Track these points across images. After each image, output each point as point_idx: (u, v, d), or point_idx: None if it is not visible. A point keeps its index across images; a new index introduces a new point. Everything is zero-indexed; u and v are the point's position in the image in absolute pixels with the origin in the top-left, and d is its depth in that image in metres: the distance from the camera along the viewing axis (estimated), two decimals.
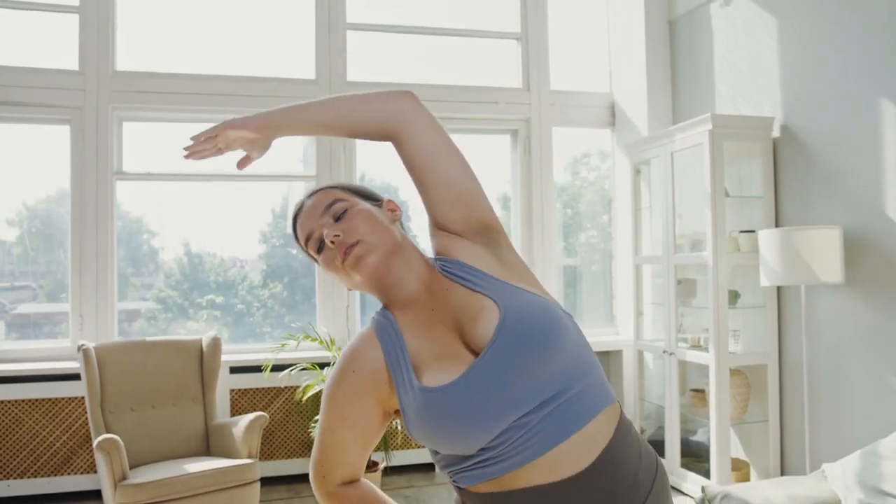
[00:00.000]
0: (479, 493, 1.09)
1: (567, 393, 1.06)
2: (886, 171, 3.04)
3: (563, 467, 1.04)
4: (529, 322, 1.08)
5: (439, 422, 1.06)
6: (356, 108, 1.23)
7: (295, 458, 4.09)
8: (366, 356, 1.17)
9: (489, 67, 4.85)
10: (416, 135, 1.21)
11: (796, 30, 3.52)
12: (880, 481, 2.40)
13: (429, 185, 1.22)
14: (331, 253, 1.18)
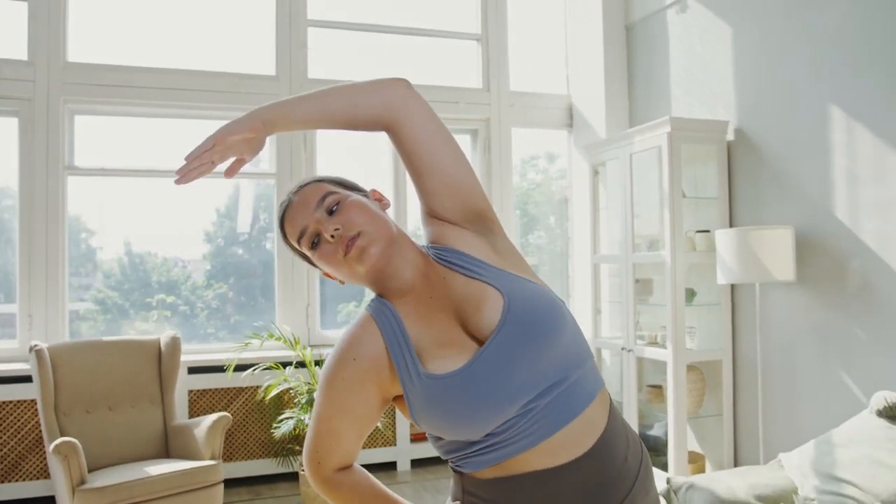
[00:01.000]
0: (482, 479, 1.11)
1: (568, 378, 1.10)
2: (835, 174, 3.19)
3: (563, 452, 1.07)
4: (533, 309, 1.10)
5: (448, 409, 1.07)
6: (350, 99, 1.20)
7: (256, 460, 4.03)
8: (366, 343, 1.15)
9: (450, 67, 4.88)
10: (410, 123, 1.20)
11: (750, 37, 3.65)
12: (834, 468, 2.51)
13: (424, 173, 1.21)
14: (330, 247, 1.15)
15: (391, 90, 1.21)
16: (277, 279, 4.40)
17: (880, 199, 3.00)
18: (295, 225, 1.19)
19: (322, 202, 1.17)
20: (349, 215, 1.16)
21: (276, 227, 1.27)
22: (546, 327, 1.09)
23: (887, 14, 2.94)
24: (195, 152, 1.14)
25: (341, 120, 1.21)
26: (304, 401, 3.48)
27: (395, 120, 1.20)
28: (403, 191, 4.67)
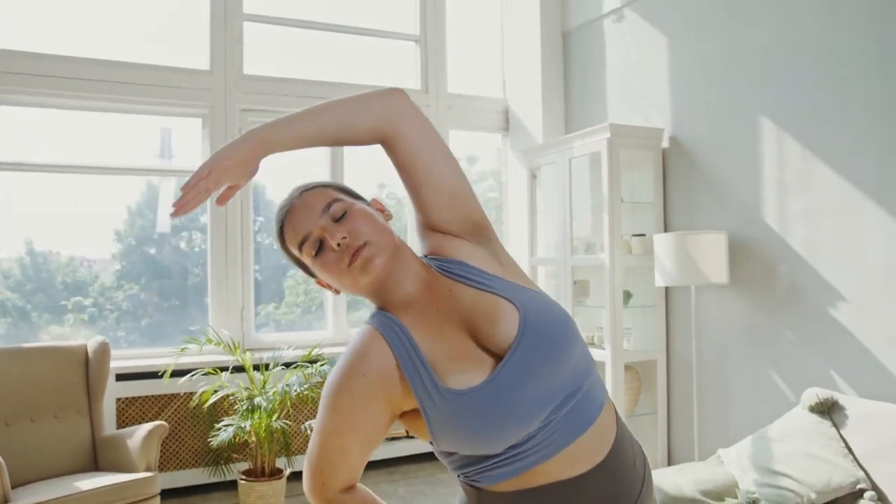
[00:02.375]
0: (501, 493, 1.10)
1: (582, 388, 1.11)
2: (765, 182, 3.35)
3: (581, 461, 1.09)
4: (548, 322, 1.11)
5: (473, 424, 1.05)
6: (346, 114, 1.17)
7: (188, 469, 3.87)
8: (374, 357, 1.12)
9: (388, 68, 4.83)
10: (407, 135, 1.18)
11: (685, 49, 3.80)
12: (771, 462, 2.64)
13: (422, 185, 1.19)
14: (335, 255, 1.12)
15: (387, 102, 1.19)
16: (211, 281, 4.24)
17: (808, 207, 3.17)
18: (297, 231, 1.15)
19: (328, 209, 1.14)
20: (356, 224, 1.13)
21: (274, 232, 1.21)
22: (561, 339, 1.10)
23: (815, 32, 3.12)
24: (191, 181, 1.09)
25: (338, 137, 1.18)
26: (245, 408, 3.37)
27: (392, 133, 1.18)
28: None
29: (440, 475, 4.22)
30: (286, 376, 3.56)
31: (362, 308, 4.81)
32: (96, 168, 4.08)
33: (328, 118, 1.16)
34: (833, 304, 3.06)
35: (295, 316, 4.60)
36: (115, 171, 4.15)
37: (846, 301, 3.01)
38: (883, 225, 2.87)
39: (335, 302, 4.55)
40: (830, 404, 2.70)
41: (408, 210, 4.91)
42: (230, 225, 4.25)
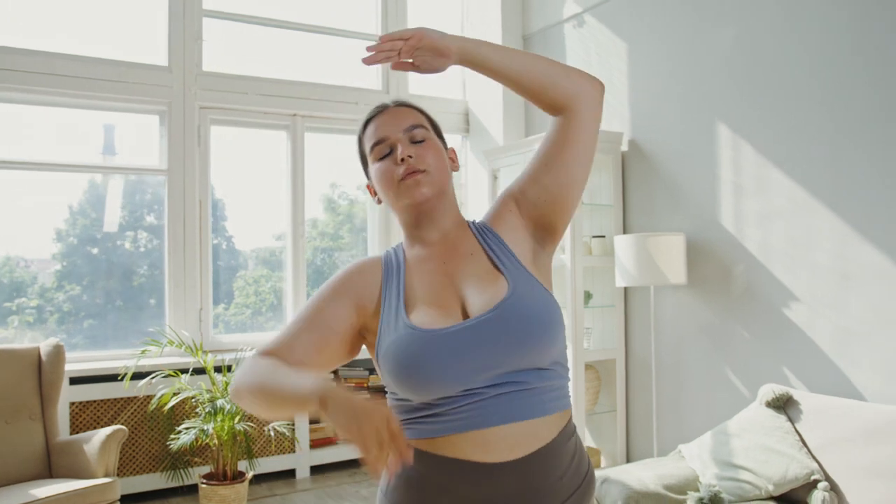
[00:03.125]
0: (417, 450, 1.13)
1: (528, 385, 1.12)
2: (721, 185, 3.47)
3: (495, 450, 1.09)
4: (528, 311, 1.14)
5: (403, 357, 1.10)
6: (550, 70, 1.21)
7: (146, 474, 3.77)
8: (366, 272, 1.24)
9: (350, 67, 4.81)
10: (584, 125, 1.21)
11: (644, 55, 3.89)
12: (731, 456, 2.73)
13: (550, 168, 1.22)
14: (393, 166, 1.20)
15: (590, 85, 1.22)
16: (168, 282, 4.15)
17: (762, 210, 3.29)
18: (378, 132, 1.23)
19: (412, 129, 1.23)
20: (426, 152, 1.22)
21: (360, 125, 1.31)
22: (531, 331, 1.12)
23: (770, 42, 3.24)
24: (394, 35, 1.17)
25: (532, 84, 1.21)
26: (207, 410, 3.31)
27: (576, 112, 1.21)
28: (301, 195, 4.55)
29: None
30: None
31: None
32: (36, 164, 3.93)
33: (533, 65, 1.21)
34: (785, 304, 3.19)
35: (245, 317, 4.53)
36: (57, 167, 4.00)
37: (798, 300, 3.14)
38: (833, 227, 3.00)
39: (296, 302, 4.50)
40: (786, 400, 2.81)
41: (365, 209, 4.90)
42: (188, 224, 4.16)
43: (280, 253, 4.64)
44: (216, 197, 4.49)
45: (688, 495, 2.63)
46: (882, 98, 2.82)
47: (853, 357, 2.93)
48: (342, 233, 4.87)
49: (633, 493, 2.61)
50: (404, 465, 1.11)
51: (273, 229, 4.65)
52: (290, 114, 4.51)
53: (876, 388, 2.85)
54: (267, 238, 4.66)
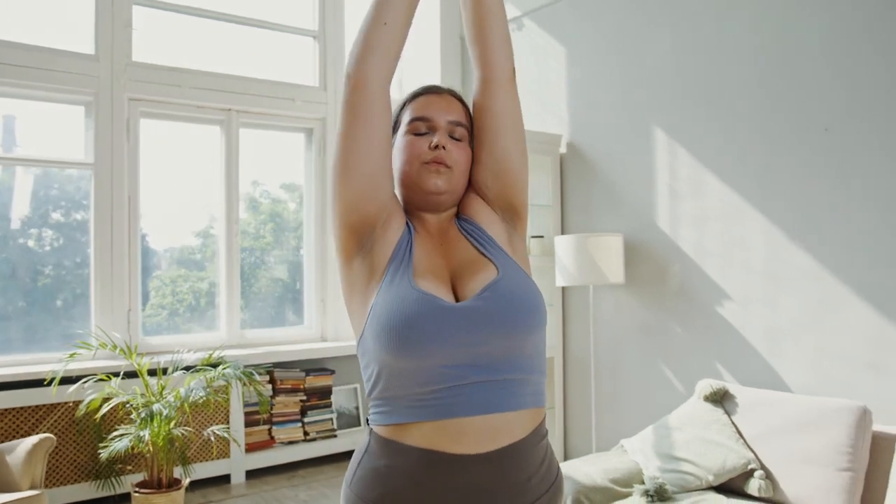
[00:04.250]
0: (386, 439, 1.13)
1: (507, 375, 1.12)
2: (658, 187, 3.60)
3: (467, 441, 1.08)
4: (517, 293, 1.15)
5: (408, 318, 1.08)
6: (502, 25, 1.26)
7: (73, 485, 3.57)
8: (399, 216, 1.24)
9: (286, 63, 4.71)
10: (501, 91, 1.25)
11: (583, 59, 3.99)
12: (673, 449, 2.84)
13: (485, 143, 1.26)
14: (424, 146, 1.22)
15: (510, 61, 1.28)
16: (94, 282, 3.94)
17: (696, 212, 3.44)
18: (427, 109, 1.25)
19: (457, 124, 1.25)
20: (460, 153, 1.25)
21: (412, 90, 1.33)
22: (518, 311, 1.13)
23: (704, 49, 3.39)
24: None
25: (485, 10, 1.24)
26: (144, 415, 3.16)
27: (498, 74, 1.24)
28: (236, 192, 4.42)
29: (341, 478, 4.18)
30: (186, 381, 3.38)
31: (258, 308, 4.66)
32: None
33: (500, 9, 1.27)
34: (719, 302, 3.34)
35: (161, 318, 4.35)
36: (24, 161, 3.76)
37: (730, 299, 3.29)
38: (763, 229, 3.17)
39: (229, 303, 4.37)
40: (722, 394, 2.94)
41: (289, 208, 4.81)
42: (116, 222, 3.97)
43: (198, 252, 4.47)
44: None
45: (634, 488, 2.71)
46: (810, 109, 3.00)
47: (781, 353, 3.10)
48: (264, 232, 4.75)
49: (582, 488, 2.67)
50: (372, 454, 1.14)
51: (192, 227, 4.47)
52: (225, 108, 4.37)
53: (802, 381, 3.03)
54: (185, 237, 4.48)
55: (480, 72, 1.27)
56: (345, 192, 1.15)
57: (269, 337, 4.53)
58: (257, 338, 4.47)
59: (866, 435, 2.55)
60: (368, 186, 1.15)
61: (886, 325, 2.77)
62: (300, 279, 4.83)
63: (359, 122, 1.13)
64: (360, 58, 1.14)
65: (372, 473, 1.13)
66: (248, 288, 4.59)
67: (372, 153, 1.15)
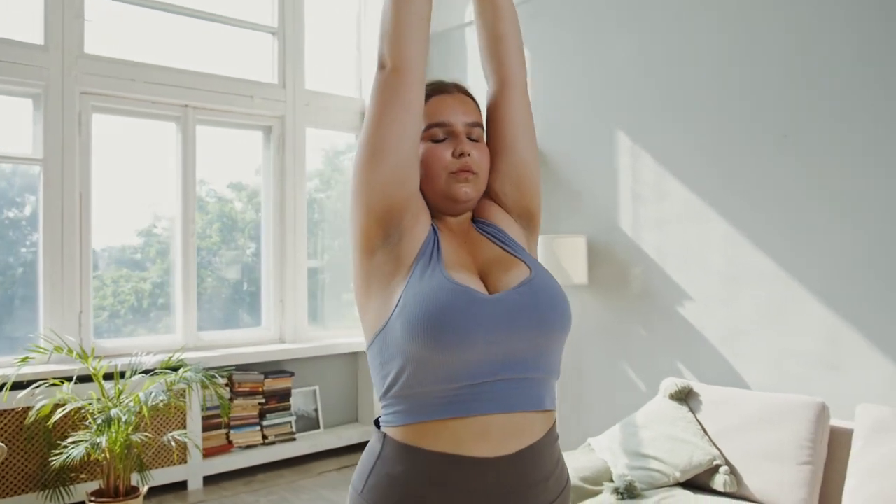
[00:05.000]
0: (402, 443, 1.10)
1: (532, 374, 1.12)
2: (621, 191, 3.67)
3: (489, 442, 1.08)
4: (552, 291, 1.16)
5: (446, 310, 1.06)
6: (516, 33, 1.31)
7: (20, 496, 3.40)
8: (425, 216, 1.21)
9: (244, 59, 4.62)
10: (516, 99, 1.27)
11: (547, 63, 4.04)
12: (640, 446, 2.90)
13: (502, 152, 1.27)
14: (447, 155, 1.20)
15: (524, 66, 1.32)
16: (42, 283, 3.77)
17: (659, 215, 3.52)
18: (444, 114, 1.21)
19: (473, 126, 1.23)
20: (481, 158, 1.23)
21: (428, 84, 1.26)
22: (556, 309, 1.14)
23: (666, 56, 3.47)
24: None
25: (506, 22, 1.29)
26: (101, 421, 3.04)
27: (512, 81, 1.28)
28: (193, 190, 4.31)
29: (301, 482, 4.11)
30: (146, 384, 3.27)
31: (205, 309, 4.55)
32: None
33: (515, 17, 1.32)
34: (680, 303, 3.42)
35: (101, 320, 4.18)
36: None
37: (691, 300, 3.38)
38: (723, 232, 3.26)
39: (185, 305, 4.25)
40: (687, 392, 3.02)
41: (235, 208, 4.72)
42: (67, 220, 3.81)
43: (139, 252, 4.31)
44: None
45: (604, 486, 2.75)
46: (769, 115, 3.10)
47: (740, 351, 3.20)
48: (211, 232, 4.63)
49: None
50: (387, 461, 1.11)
51: (135, 226, 4.31)
52: (182, 105, 4.25)
53: (760, 379, 3.13)
54: (127, 236, 4.30)
55: (497, 79, 1.28)
56: (374, 178, 1.11)
57: (226, 339, 4.42)
58: (214, 340, 4.36)
59: (824, 430, 2.66)
60: (400, 173, 1.12)
61: (840, 325, 2.89)
62: (250, 280, 4.72)
63: (396, 105, 1.11)
64: (395, 40, 1.11)
65: (387, 480, 1.10)
66: (174, 289, 4.39)
67: (405, 138, 1.12)
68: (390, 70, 1.11)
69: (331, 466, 4.40)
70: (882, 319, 2.78)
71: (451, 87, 1.26)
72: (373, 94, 1.13)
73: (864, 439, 2.50)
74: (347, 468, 4.37)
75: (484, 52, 1.30)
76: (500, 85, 1.27)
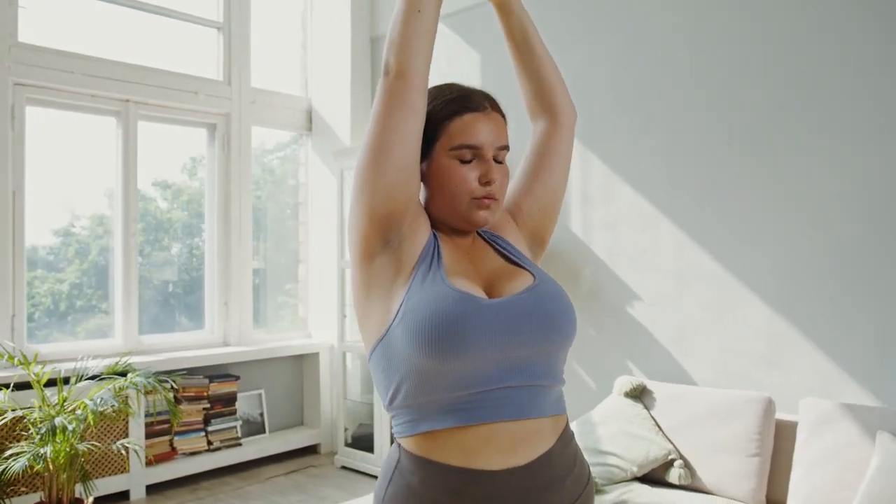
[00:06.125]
0: (414, 454, 1.11)
1: (539, 381, 1.14)
2: (571, 194, 3.75)
3: (499, 450, 1.09)
4: (558, 297, 1.18)
5: (451, 317, 1.06)
6: (556, 70, 1.38)
7: None
8: (424, 223, 1.20)
9: (189, 54, 4.48)
10: (565, 133, 1.34)
11: (495, 66, 4.09)
12: (598, 443, 2.98)
13: (539, 179, 1.33)
14: (473, 179, 1.19)
15: (572, 105, 1.39)
16: None
17: (608, 218, 3.62)
18: (478, 136, 1.20)
19: (501, 149, 1.24)
20: (504, 182, 1.24)
21: (450, 96, 1.24)
22: (562, 315, 1.16)
23: (615, 62, 3.58)
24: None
25: (546, 74, 1.36)
26: (45, 430, 2.89)
27: (563, 117, 1.35)
28: (134, 188, 4.14)
29: (248, 488, 4.02)
30: (92, 391, 3.12)
31: (155, 309, 4.39)
32: None
33: (551, 59, 1.39)
34: (629, 303, 3.54)
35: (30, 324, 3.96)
36: None
37: (641, 300, 3.50)
38: (672, 234, 3.39)
39: (126, 308, 4.08)
40: (641, 389, 3.12)
41: (160, 208, 4.59)
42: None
43: (54, 252, 4.10)
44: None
45: None
46: (715, 124, 3.25)
47: (688, 350, 3.34)
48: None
49: None
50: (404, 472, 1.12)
51: (51, 225, 4.09)
52: (123, 99, 4.09)
53: (707, 376, 3.27)
54: (44, 235, 4.08)
55: (550, 120, 1.35)
56: (377, 181, 1.11)
57: (168, 343, 4.28)
58: (156, 344, 4.21)
59: (771, 423, 2.80)
60: (402, 176, 1.12)
61: (781, 322, 3.06)
62: (186, 282, 4.58)
63: (400, 110, 1.12)
64: (400, 47, 1.12)
65: (406, 490, 1.11)
66: (113, 291, 4.21)
67: (408, 141, 1.13)
68: (395, 76, 1.12)
69: (278, 471, 4.32)
70: (821, 318, 2.95)
71: (483, 103, 1.24)
72: (377, 99, 1.14)
73: (809, 431, 2.65)
74: (295, 472, 4.30)
75: (533, 98, 1.36)
76: (554, 124, 1.34)
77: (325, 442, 4.73)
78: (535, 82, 1.36)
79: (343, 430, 4.45)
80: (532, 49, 1.35)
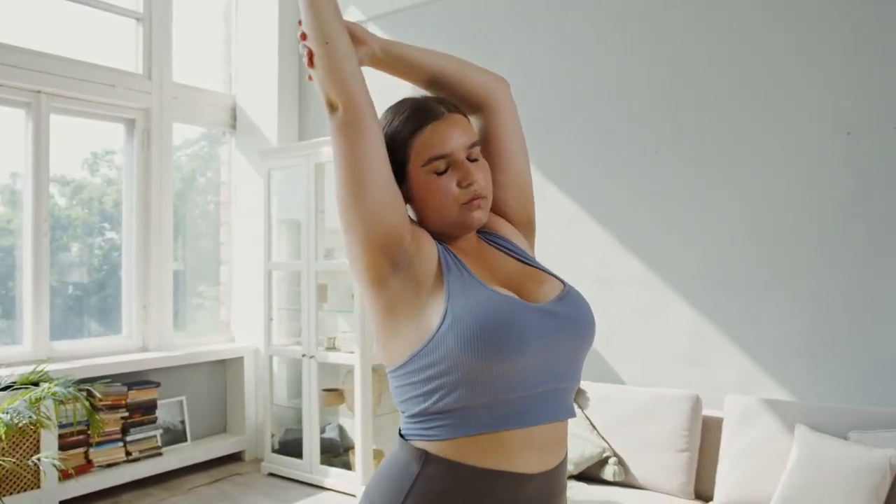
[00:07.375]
0: (446, 459, 1.10)
1: (566, 383, 1.16)
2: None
3: (532, 454, 1.11)
4: (587, 307, 1.20)
5: (504, 319, 1.07)
6: (462, 67, 1.31)
7: None
8: (428, 241, 1.18)
9: (106, 45, 4.26)
10: (507, 115, 1.32)
11: None
12: None
13: (500, 168, 1.29)
14: (454, 186, 1.17)
15: (501, 81, 1.36)
16: None
17: (539, 220, 3.68)
18: (443, 144, 1.17)
19: (472, 147, 1.20)
20: (486, 178, 1.21)
21: (405, 116, 1.20)
22: (590, 330, 1.18)
23: (545, 68, 3.66)
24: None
25: (448, 79, 1.30)
26: None
27: (496, 104, 1.32)
28: (46, 185, 3.90)
29: (171, 499, 3.86)
30: (5, 402, 2.91)
31: (61, 313, 4.14)
32: None
33: (446, 61, 1.30)
34: None
35: None
36: None
37: None
38: (598, 236, 3.50)
39: (36, 312, 3.84)
40: None
41: (57, 207, 4.37)
42: None
43: None
44: None
45: None
46: (641, 133, 3.38)
47: (616, 350, 3.45)
48: None
49: None
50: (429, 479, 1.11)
51: None
52: (34, 90, 3.84)
53: (634, 375, 3.39)
54: None
55: (481, 106, 1.31)
56: (363, 210, 1.10)
57: (82, 349, 4.05)
58: (70, 350, 3.98)
59: (698, 419, 2.94)
60: (385, 197, 1.11)
61: (704, 323, 3.21)
62: (96, 284, 4.35)
63: (360, 137, 1.11)
64: (332, 82, 1.11)
65: (433, 498, 1.10)
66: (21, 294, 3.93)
67: (378, 162, 1.12)
68: (343, 109, 1.11)
69: (201, 481, 4.16)
70: (740, 319, 3.12)
71: (439, 109, 1.21)
72: (335, 138, 1.12)
73: (734, 426, 2.79)
74: (219, 482, 4.16)
75: (465, 105, 1.31)
76: (488, 110, 1.31)
77: (249, 449, 4.60)
78: (460, 95, 1.31)
79: (270, 436, 4.34)
80: (444, 77, 1.30)
